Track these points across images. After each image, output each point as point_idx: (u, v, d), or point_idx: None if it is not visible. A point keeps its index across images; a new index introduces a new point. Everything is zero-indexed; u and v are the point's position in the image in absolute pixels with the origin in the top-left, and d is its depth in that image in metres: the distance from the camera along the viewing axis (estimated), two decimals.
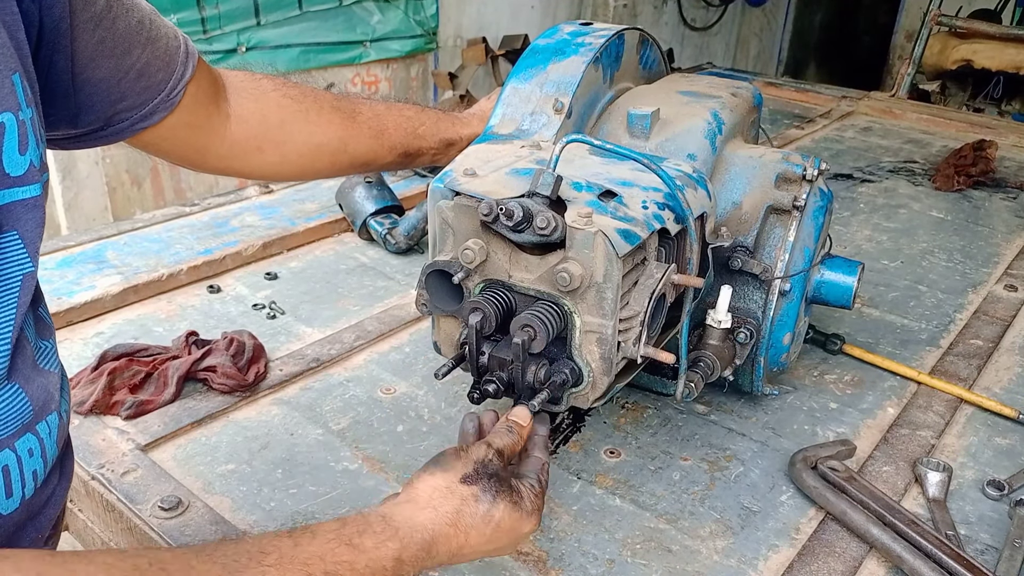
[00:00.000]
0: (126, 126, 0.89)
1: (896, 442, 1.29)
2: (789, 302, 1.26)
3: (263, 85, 1.11)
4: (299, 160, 1.13)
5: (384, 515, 0.79)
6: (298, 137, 1.12)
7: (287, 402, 1.36)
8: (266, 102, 1.09)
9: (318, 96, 1.15)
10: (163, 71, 0.90)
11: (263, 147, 1.08)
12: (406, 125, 1.22)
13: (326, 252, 1.90)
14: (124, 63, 0.84)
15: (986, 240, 2.11)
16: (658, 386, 1.37)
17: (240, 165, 1.09)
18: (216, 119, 1.02)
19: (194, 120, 0.98)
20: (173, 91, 0.91)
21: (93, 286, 1.63)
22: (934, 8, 3.99)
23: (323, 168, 1.18)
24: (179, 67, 0.92)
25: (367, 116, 1.18)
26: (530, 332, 0.95)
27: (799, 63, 9.09)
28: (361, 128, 1.17)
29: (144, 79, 0.88)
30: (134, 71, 0.86)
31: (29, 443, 0.69)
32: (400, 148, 1.21)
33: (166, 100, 0.91)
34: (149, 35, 0.87)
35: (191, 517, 1.08)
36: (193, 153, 1.03)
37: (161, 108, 0.91)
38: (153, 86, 0.89)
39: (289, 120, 1.11)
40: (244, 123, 1.06)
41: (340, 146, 1.15)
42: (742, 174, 1.26)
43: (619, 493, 1.19)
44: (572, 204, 0.99)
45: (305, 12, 4.32)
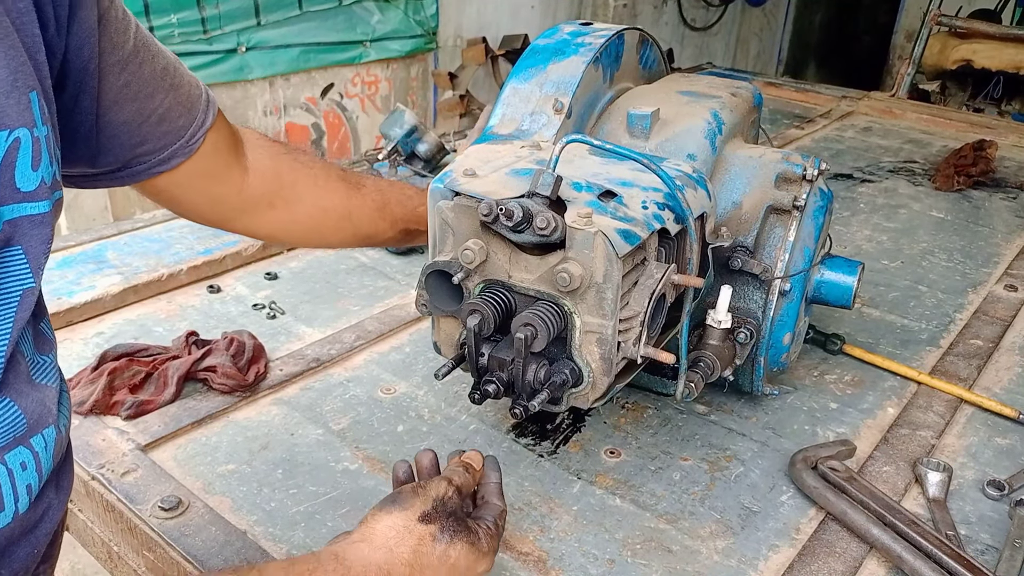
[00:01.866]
0: (143, 169, 0.90)
1: (896, 442, 1.29)
2: (789, 302, 1.26)
3: (277, 147, 1.12)
4: (307, 222, 1.14)
5: (337, 554, 0.78)
6: (307, 199, 1.13)
7: (287, 402, 1.36)
8: (280, 161, 1.10)
9: (327, 166, 1.17)
10: (184, 117, 0.91)
11: (275, 204, 1.09)
12: (407, 203, 1.23)
13: (326, 252, 1.90)
14: (147, 107, 0.85)
15: (986, 240, 2.11)
16: (658, 386, 1.37)
17: (250, 220, 1.09)
18: (235, 170, 1.03)
19: (212, 169, 0.98)
20: (193, 137, 0.92)
21: (93, 286, 1.63)
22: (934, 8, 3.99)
23: (328, 234, 1.19)
24: (200, 114, 0.93)
25: (371, 189, 1.20)
26: (531, 330, 0.95)
27: (799, 63, 9.09)
28: (365, 200, 1.19)
29: (165, 124, 0.88)
30: (156, 115, 0.87)
31: (22, 456, 0.69)
32: (401, 224, 1.22)
33: (185, 146, 0.92)
34: (173, 81, 0.88)
35: (191, 517, 1.08)
36: (208, 204, 1.04)
37: (180, 153, 0.91)
38: (174, 131, 0.90)
39: (301, 182, 1.12)
40: (260, 177, 1.06)
41: (345, 213, 1.17)
42: (742, 174, 1.26)
43: (619, 493, 1.19)
44: (572, 204, 0.99)
45: (305, 12, 4.33)
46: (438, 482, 0.87)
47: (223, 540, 1.04)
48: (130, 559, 1.14)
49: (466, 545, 0.83)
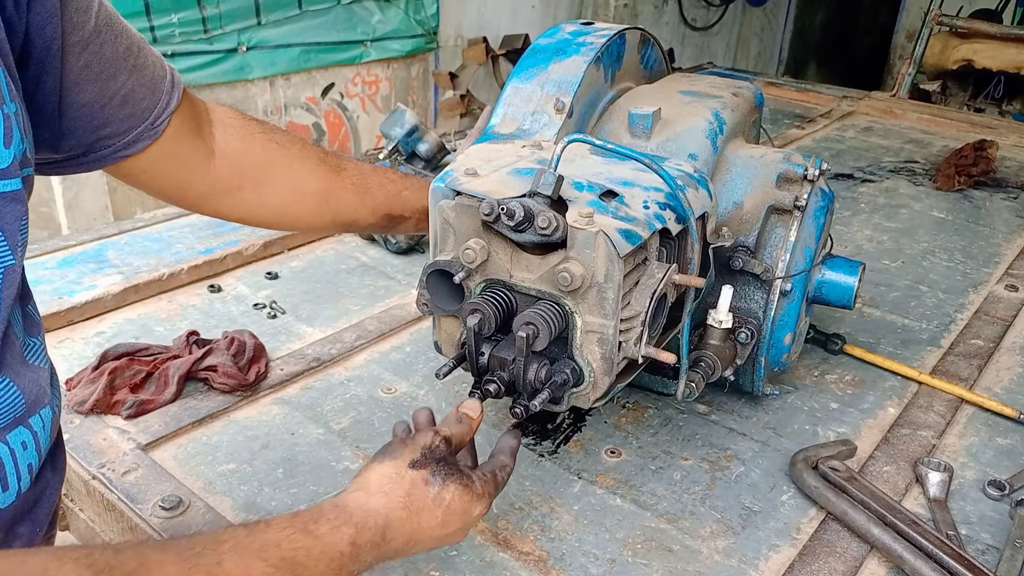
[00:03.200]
0: (108, 153, 0.88)
1: (897, 442, 1.29)
2: (790, 302, 1.26)
3: (251, 126, 1.09)
4: (279, 205, 1.12)
5: (337, 503, 0.80)
6: (280, 181, 1.10)
7: (288, 402, 1.36)
8: (252, 142, 1.08)
9: (305, 146, 1.14)
10: (148, 99, 0.89)
11: (243, 185, 1.07)
12: (390, 187, 1.20)
13: (327, 252, 1.90)
14: (109, 88, 0.84)
15: (987, 240, 2.11)
16: (659, 386, 1.37)
17: (218, 203, 1.08)
18: (200, 153, 1.01)
19: (178, 152, 0.97)
20: (158, 120, 0.91)
21: (94, 286, 1.63)
22: (935, 8, 3.99)
23: (304, 218, 1.17)
24: (164, 96, 0.91)
25: (352, 173, 1.17)
26: (533, 329, 0.94)
27: (800, 63, 9.09)
28: (345, 183, 1.16)
29: (129, 106, 0.87)
30: (119, 97, 0.85)
31: (22, 436, 0.69)
32: (383, 210, 1.20)
33: (150, 128, 0.90)
34: (136, 62, 0.87)
35: (192, 517, 1.08)
36: (173, 187, 1.02)
37: (145, 136, 0.90)
38: (137, 113, 0.88)
39: (274, 162, 1.09)
40: (227, 159, 1.04)
41: (322, 198, 1.14)
42: (743, 174, 1.26)
43: (620, 493, 1.19)
44: (573, 204, 0.99)
45: (305, 11, 4.32)
46: (426, 432, 0.89)
47: None
48: None
49: (459, 487, 0.84)
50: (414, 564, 1.04)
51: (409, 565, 1.04)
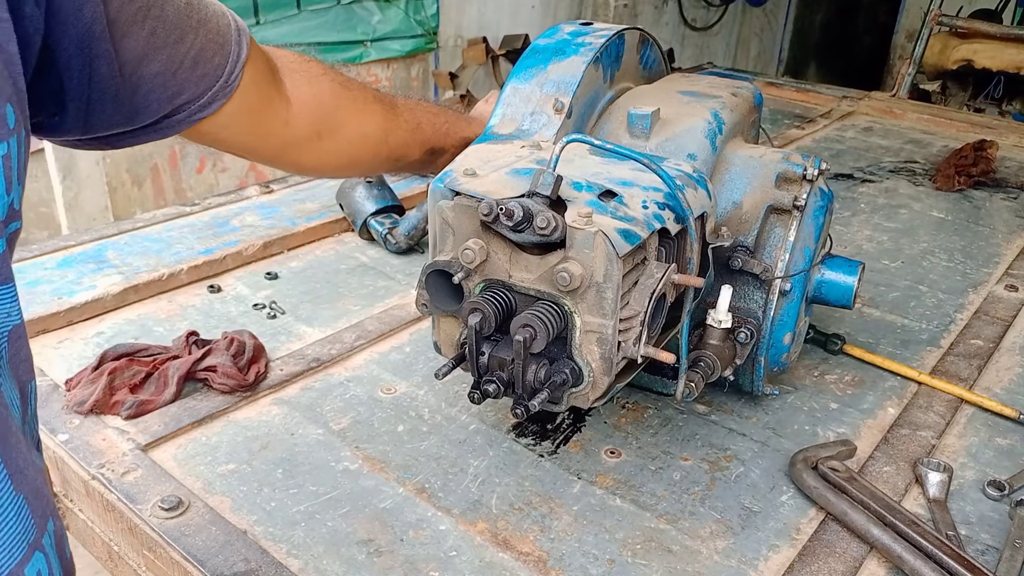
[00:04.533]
0: (183, 118, 0.82)
1: (896, 442, 1.29)
2: (789, 302, 1.26)
3: (313, 68, 1.03)
4: (349, 149, 1.09)
5: None
6: (349, 124, 1.06)
7: (287, 402, 1.36)
8: (319, 85, 1.02)
9: (362, 87, 1.11)
10: (219, 55, 0.82)
11: (322, 133, 1.02)
12: (435, 120, 1.19)
13: (326, 252, 1.90)
14: (178, 52, 0.77)
15: (987, 240, 2.11)
16: (658, 386, 1.37)
17: (298, 154, 1.03)
18: (277, 101, 0.95)
19: (255, 104, 0.90)
20: (232, 75, 0.84)
21: (94, 286, 1.63)
22: (935, 8, 3.99)
23: (367, 159, 1.14)
24: (234, 47, 0.84)
25: (403, 109, 1.15)
26: (530, 331, 0.94)
27: (799, 63, 9.09)
28: (399, 121, 1.14)
29: (201, 66, 0.80)
30: (189, 59, 0.78)
31: (38, 565, 0.59)
32: (429, 144, 1.18)
33: (225, 86, 0.83)
34: (200, 17, 0.79)
35: (191, 517, 1.08)
36: (256, 140, 0.96)
37: (220, 95, 0.83)
38: (211, 72, 0.81)
39: (342, 106, 1.05)
40: (304, 106, 0.99)
41: (382, 136, 1.11)
42: (742, 174, 1.26)
43: (619, 493, 1.19)
44: (572, 204, 0.99)
45: (303, 11, 4.33)
46: None
47: (223, 540, 1.04)
48: (130, 559, 1.14)
49: None
50: (414, 565, 1.04)
51: (409, 566, 1.04)
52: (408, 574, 1.03)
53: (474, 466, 1.22)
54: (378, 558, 1.05)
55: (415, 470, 1.21)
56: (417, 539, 1.08)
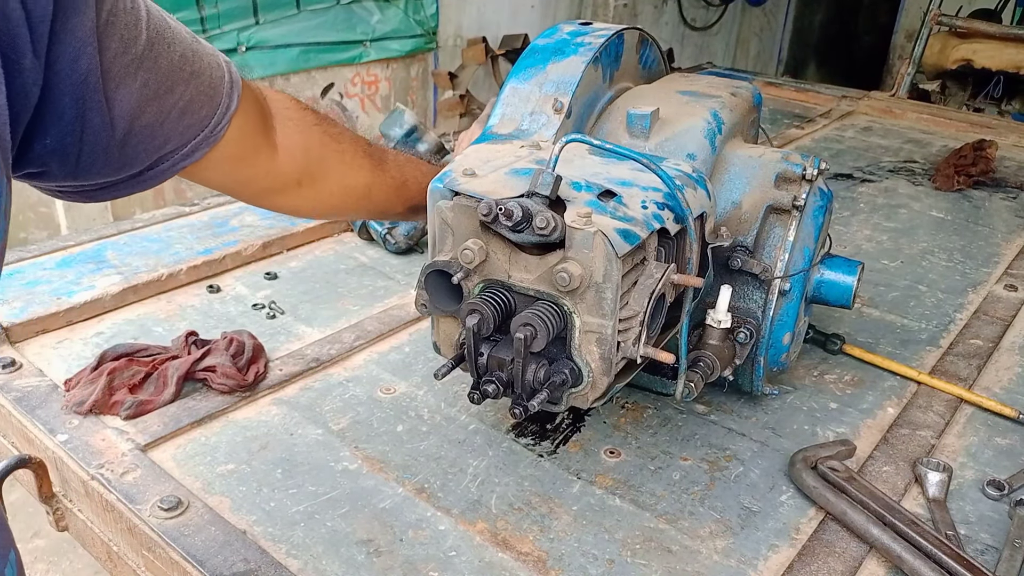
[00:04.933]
0: (167, 167, 0.81)
1: (896, 442, 1.29)
2: (789, 302, 1.26)
3: (307, 117, 1.05)
4: (330, 200, 1.11)
5: None
6: (333, 176, 1.08)
7: (287, 402, 1.35)
8: (310, 136, 1.04)
9: (353, 139, 1.12)
10: (207, 106, 0.82)
11: (303, 182, 1.04)
12: (423, 180, 1.18)
13: (326, 252, 1.90)
14: (167, 103, 0.77)
15: (986, 240, 2.11)
16: (658, 386, 1.37)
17: (278, 199, 1.05)
18: (264, 152, 0.96)
19: (240, 153, 0.91)
20: (218, 126, 0.84)
21: (93, 286, 1.63)
22: (934, 8, 3.99)
23: (347, 210, 1.16)
24: (223, 99, 0.84)
25: (391, 166, 1.16)
26: (530, 330, 0.94)
27: (799, 63, 9.09)
28: (386, 177, 1.15)
29: (188, 116, 0.80)
30: (177, 110, 0.78)
31: None
32: (413, 202, 1.19)
33: (209, 136, 0.83)
34: (193, 69, 0.80)
35: (191, 517, 1.08)
36: (235, 185, 0.98)
37: (204, 144, 0.83)
38: (196, 123, 0.81)
39: (328, 158, 1.07)
40: (290, 155, 1.00)
41: (366, 192, 1.13)
42: (742, 174, 1.26)
43: (619, 493, 1.19)
44: (571, 204, 0.99)
45: (303, 11, 4.32)
46: None
47: (222, 540, 1.04)
48: (130, 559, 1.14)
49: None
50: (413, 565, 1.04)
51: (408, 566, 1.04)
52: (408, 574, 1.03)
53: (473, 466, 1.22)
54: (377, 558, 1.05)
55: (414, 470, 1.21)
56: (416, 539, 1.08)
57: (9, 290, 1.60)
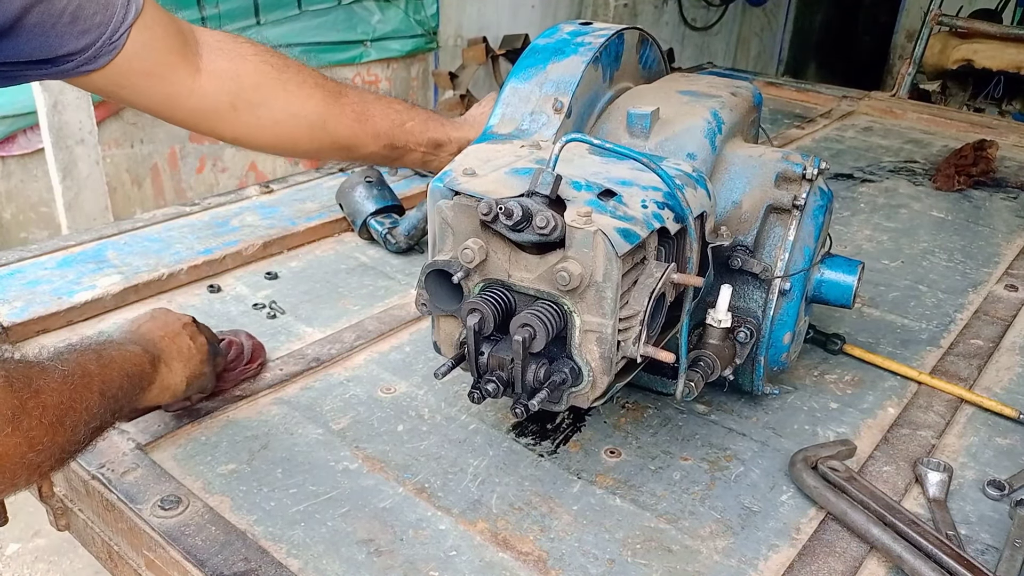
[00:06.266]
0: (71, 67, 0.91)
1: (896, 442, 1.29)
2: (789, 301, 1.26)
3: (242, 49, 1.10)
4: (274, 127, 1.13)
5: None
6: (275, 103, 1.11)
7: (287, 402, 1.36)
8: (242, 63, 1.09)
9: (302, 70, 1.15)
10: (101, 14, 0.91)
11: (237, 105, 1.08)
12: (393, 116, 1.20)
13: (326, 252, 1.90)
14: (54, 7, 0.86)
15: (987, 240, 2.11)
16: (658, 386, 1.37)
17: (214, 122, 1.09)
18: (181, 70, 1.02)
19: (151, 68, 0.98)
20: (115, 34, 0.93)
21: (93, 286, 1.63)
22: (935, 8, 3.99)
23: (301, 141, 1.17)
24: (119, 10, 0.93)
25: (352, 99, 1.17)
26: (530, 331, 0.95)
27: (799, 63, 9.09)
28: (344, 109, 1.16)
29: (80, 22, 0.89)
30: (67, 15, 0.88)
31: None
32: (385, 138, 1.19)
33: (108, 43, 0.92)
34: None
35: (191, 516, 1.08)
36: (160, 103, 1.04)
37: (105, 51, 0.92)
38: (92, 29, 0.91)
39: (266, 84, 1.10)
40: (216, 78, 1.05)
41: (319, 121, 1.14)
42: (742, 173, 1.26)
43: (619, 493, 1.19)
44: (571, 203, 0.99)
45: (304, 11, 4.33)
46: None
47: (223, 539, 1.04)
48: (130, 558, 1.14)
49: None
50: (413, 564, 1.04)
51: (408, 565, 1.04)
52: (408, 574, 1.03)
53: (474, 466, 1.22)
54: (378, 558, 1.05)
55: (415, 470, 1.21)
56: (417, 539, 1.08)
57: (10, 290, 1.60)
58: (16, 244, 3.51)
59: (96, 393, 0.88)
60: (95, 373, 0.90)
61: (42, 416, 0.77)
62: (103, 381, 0.91)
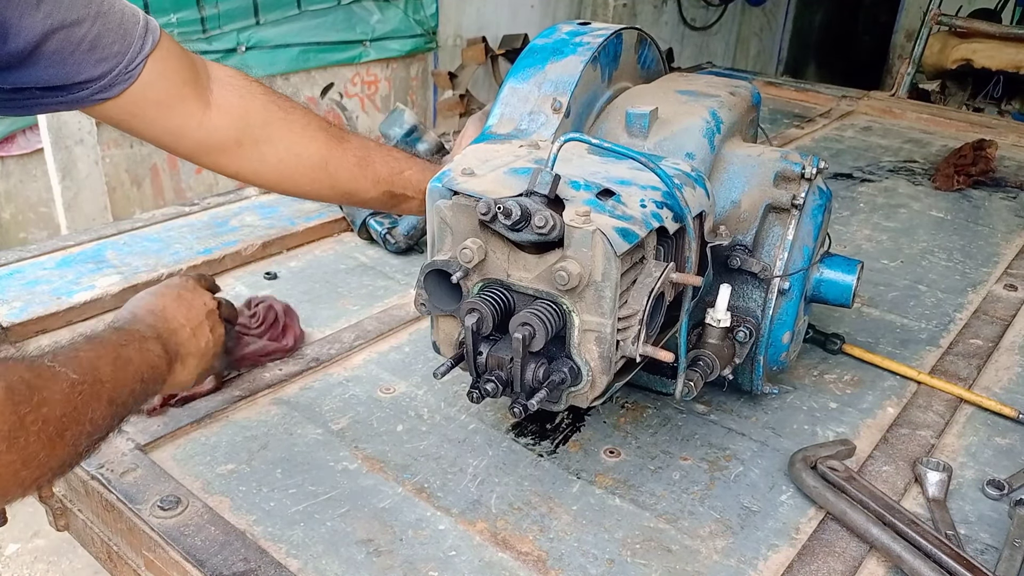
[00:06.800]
0: (86, 95, 0.91)
1: (896, 442, 1.29)
2: (788, 300, 1.26)
3: (253, 88, 1.11)
4: (278, 166, 1.13)
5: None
6: (279, 142, 1.11)
7: (286, 402, 1.36)
8: (251, 100, 1.09)
9: (307, 113, 1.16)
10: (119, 43, 0.92)
11: (243, 141, 1.08)
12: (392, 164, 1.22)
13: (326, 252, 1.90)
14: (75, 34, 0.87)
15: (986, 240, 2.11)
16: (658, 385, 1.37)
17: (217, 156, 1.09)
18: (192, 103, 1.03)
19: (163, 99, 0.99)
20: (132, 63, 0.93)
21: (93, 286, 1.63)
22: (934, 7, 3.99)
23: (303, 183, 1.18)
24: (137, 40, 0.93)
25: (354, 144, 1.18)
26: (529, 330, 0.95)
27: (799, 63, 9.09)
28: (346, 153, 1.17)
29: (99, 51, 0.90)
30: (86, 43, 0.88)
31: None
32: (384, 184, 1.21)
33: (125, 72, 0.93)
34: (100, 9, 0.89)
35: (190, 517, 1.08)
36: (168, 135, 1.05)
37: (120, 80, 0.93)
38: (110, 57, 0.91)
39: (273, 123, 1.10)
40: (225, 113, 1.06)
41: (321, 163, 1.15)
42: (741, 173, 1.26)
43: (619, 493, 1.19)
44: (570, 203, 0.99)
45: (304, 11, 4.33)
46: None
47: (222, 540, 1.04)
48: (130, 559, 1.14)
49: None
50: (413, 564, 1.04)
51: (408, 565, 1.04)
52: (407, 574, 1.03)
53: (473, 466, 1.22)
54: (377, 558, 1.05)
55: (414, 470, 1.21)
56: (416, 539, 1.08)
57: (9, 290, 1.60)
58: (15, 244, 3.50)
59: (105, 402, 0.85)
60: (107, 379, 0.87)
61: (41, 431, 0.74)
62: (114, 388, 0.88)
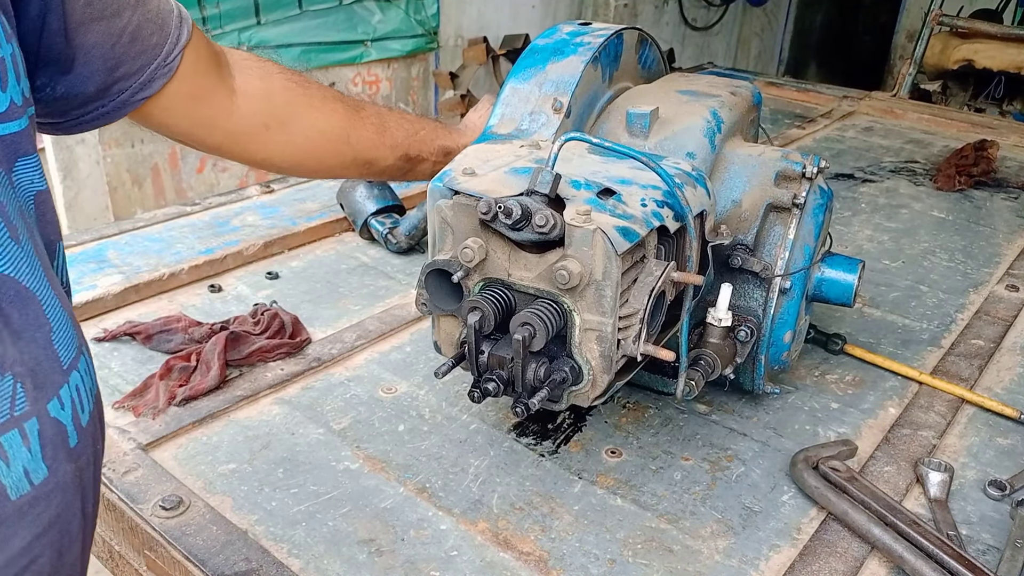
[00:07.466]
0: (127, 97, 0.88)
1: (897, 442, 1.29)
2: (790, 300, 1.26)
3: (269, 68, 1.09)
4: (305, 144, 1.12)
5: None
6: (303, 120, 1.11)
7: (288, 401, 1.36)
8: (271, 81, 1.08)
9: (321, 87, 1.15)
10: (157, 34, 0.88)
11: (270, 124, 1.07)
12: (407, 127, 1.23)
13: (327, 251, 1.90)
14: (115, 25, 0.83)
15: (987, 240, 2.11)
16: (659, 385, 1.37)
17: (247, 144, 1.08)
18: (221, 91, 1.01)
19: (196, 91, 0.96)
20: (170, 55, 0.90)
21: (94, 286, 1.63)
22: (935, 8, 3.98)
23: (328, 158, 1.17)
24: (174, 30, 0.90)
25: (370, 112, 1.19)
26: (529, 329, 0.94)
27: (800, 63, 9.08)
28: (364, 122, 1.17)
29: (138, 43, 0.86)
30: (127, 34, 0.85)
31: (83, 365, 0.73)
32: (401, 148, 1.21)
33: (163, 65, 0.89)
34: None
35: (192, 516, 1.08)
36: (199, 128, 1.02)
37: (160, 74, 0.89)
38: (148, 50, 0.88)
39: (294, 102, 1.09)
40: (250, 98, 1.04)
41: (343, 135, 1.15)
42: (742, 172, 1.25)
43: (620, 493, 1.19)
44: (571, 202, 0.99)
45: (305, 11, 4.33)
46: None
47: (224, 539, 1.04)
48: (131, 558, 1.14)
49: None
50: (414, 564, 1.04)
51: (409, 565, 1.04)
52: (409, 574, 1.03)
53: (475, 466, 1.22)
54: (379, 558, 1.05)
55: (416, 470, 1.21)
56: (418, 539, 1.08)
57: None
58: None
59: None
60: None
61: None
62: None
